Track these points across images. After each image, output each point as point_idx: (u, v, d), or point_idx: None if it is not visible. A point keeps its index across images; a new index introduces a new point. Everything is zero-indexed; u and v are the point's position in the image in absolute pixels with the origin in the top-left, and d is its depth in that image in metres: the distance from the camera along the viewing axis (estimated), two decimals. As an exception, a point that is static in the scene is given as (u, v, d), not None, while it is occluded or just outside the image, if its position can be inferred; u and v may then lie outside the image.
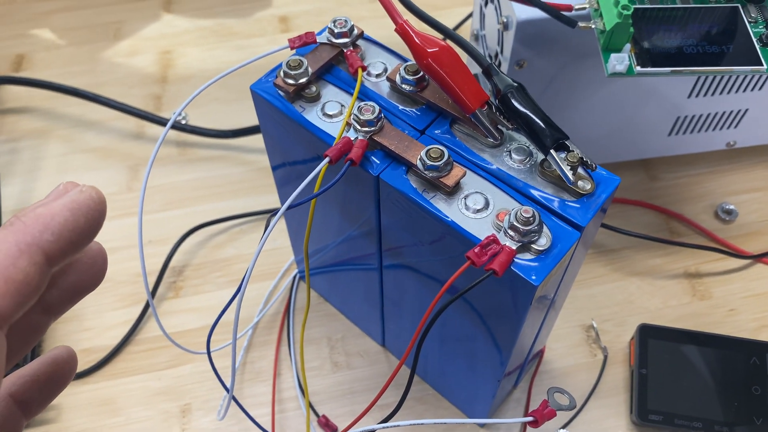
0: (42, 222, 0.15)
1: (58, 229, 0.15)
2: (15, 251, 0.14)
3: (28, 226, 0.15)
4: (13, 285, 0.14)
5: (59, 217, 0.15)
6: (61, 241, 0.15)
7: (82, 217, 0.16)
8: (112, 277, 0.42)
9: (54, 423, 0.37)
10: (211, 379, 0.38)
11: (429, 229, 0.24)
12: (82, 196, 0.16)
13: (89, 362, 0.39)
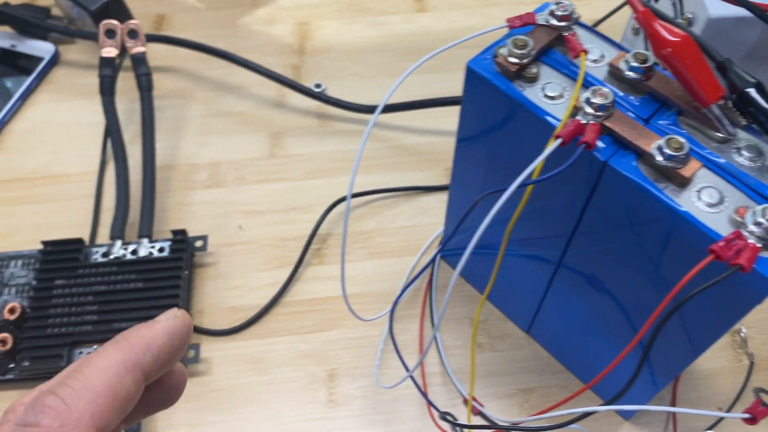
0: (145, 343, 0.18)
1: (157, 352, 0.18)
2: (122, 370, 0.17)
3: (133, 346, 0.17)
4: (118, 401, 0.16)
5: (159, 340, 0.18)
6: (158, 362, 0.18)
7: (176, 341, 0.19)
8: (257, 239, 0.43)
9: (205, 375, 0.38)
10: (357, 347, 0.39)
11: (653, 222, 0.24)
12: (178, 321, 0.19)
13: (237, 320, 0.40)
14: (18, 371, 0.37)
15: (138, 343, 0.18)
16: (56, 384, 0.17)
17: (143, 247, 0.41)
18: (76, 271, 0.40)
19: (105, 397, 0.16)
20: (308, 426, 0.37)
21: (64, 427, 0.16)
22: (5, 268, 0.41)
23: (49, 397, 0.16)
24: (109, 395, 0.16)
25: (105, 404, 0.16)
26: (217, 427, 0.37)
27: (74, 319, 0.38)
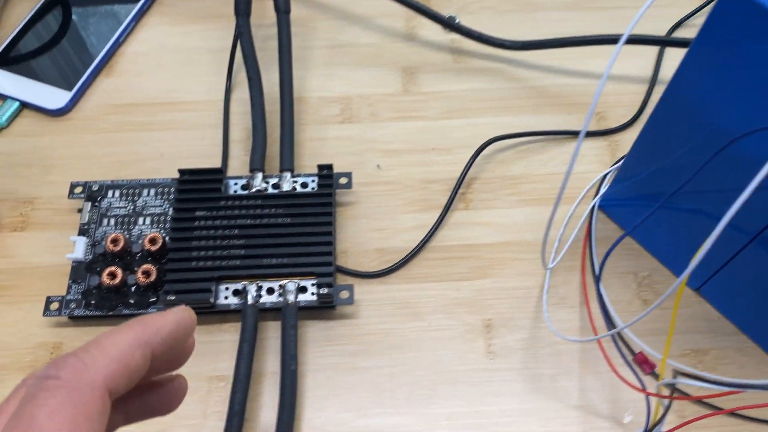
0: (156, 327, 0.21)
1: (165, 335, 0.21)
2: (134, 344, 0.20)
3: (145, 327, 0.20)
4: (128, 370, 0.19)
5: (169, 326, 0.21)
6: (165, 344, 0.21)
7: (182, 330, 0.22)
8: (399, 180, 0.41)
9: (355, 318, 0.36)
10: (512, 298, 0.37)
11: None
12: (186, 314, 0.22)
13: (384, 263, 0.38)
14: (161, 305, 0.35)
15: (151, 326, 0.21)
16: (77, 350, 0.19)
17: (286, 181, 0.38)
18: (217, 203, 0.37)
19: (117, 364, 0.19)
20: (469, 376, 0.35)
21: (80, 381, 0.18)
22: (137, 197, 0.38)
23: (70, 358, 0.18)
24: (121, 363, 0.19)
25: (117, 370, 0.19)
26: (370, 372, 0.35)
27: (219, 252, 0.36)
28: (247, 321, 0.34)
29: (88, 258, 0.36)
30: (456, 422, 0.33)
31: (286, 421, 0.32)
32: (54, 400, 0.17)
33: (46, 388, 0.18)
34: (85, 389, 0.18)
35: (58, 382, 0.18)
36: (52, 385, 0.18)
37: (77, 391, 0.18)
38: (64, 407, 0.17)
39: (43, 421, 0.17)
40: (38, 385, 0.18)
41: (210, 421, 0.33)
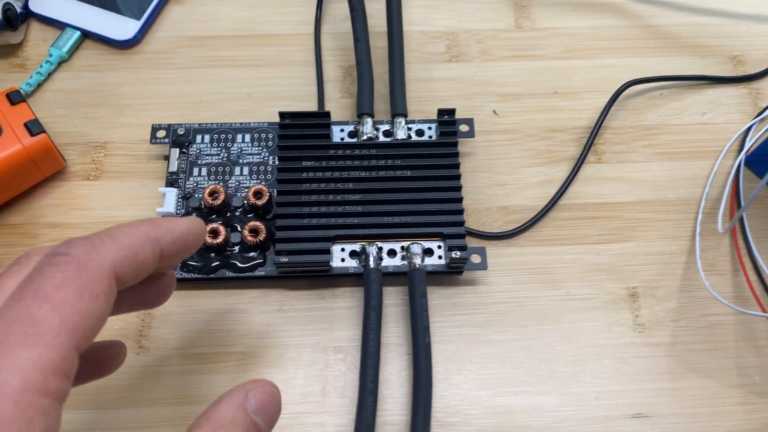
0: (168, 227, 0.20)
1: (176, 237, 0.20)
2: (145, 239, 0.19)
3: (158, 226, 0.20)
4: (136, 261, 0.19)
5: (180, 229, 0.21)
6: (174, 246, 0.20)
7: (192, 236, 0.21)
8: (518, 128, 0.36)
9: (482, 285, 0.32)
10: (658, 264, 0.33)
11: None
12: (197, 223, 0.22)
13: (510, 223, 0.34)
14: (270, 267, 0.31)
15: (163, 226, 0.20)
16: (90, 234, 0.19)
17: (400, 128, 0.33)
18: (327, 152, 0.32)
19: (127, 252, 0.19)
20: (617, 351, 0.31)
21: (89, 261, 0.18)
22: (231, 143, 0.34)
23: (80, 240, 0.18)
24: (130, 253, 0.19)
25: (126, 258, 0.18)
26: (505, 346, 0.31)
27: (334, 209, 0.31)
28: (372, 287, 0.30)
29: (180, 212, 0.32)
30: (605, 402, 0.30)
31: (424, 401, 0.28)
32: (61, 275, 0.17)
33: (55, 263, 0.17)
34: (93, 269, 0.18)
35: (68, 259, 0.18)
36: (62, 261, 0.17)
37: (85, 270, 0.18)
38: (72, 282, 0.17)
39: (49, 291, 0.17)
40: (47, 261, 0.18)
41: (330, 399, 0.30)
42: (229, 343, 0.31)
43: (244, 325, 0.31)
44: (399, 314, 0.32)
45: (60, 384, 0.16)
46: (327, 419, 0.29)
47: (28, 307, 0.16)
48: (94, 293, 0.17)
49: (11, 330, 0.16)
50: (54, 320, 0.16)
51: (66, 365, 0.16)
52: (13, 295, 0.17)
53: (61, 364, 0.16)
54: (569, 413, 0.30)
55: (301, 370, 0.30)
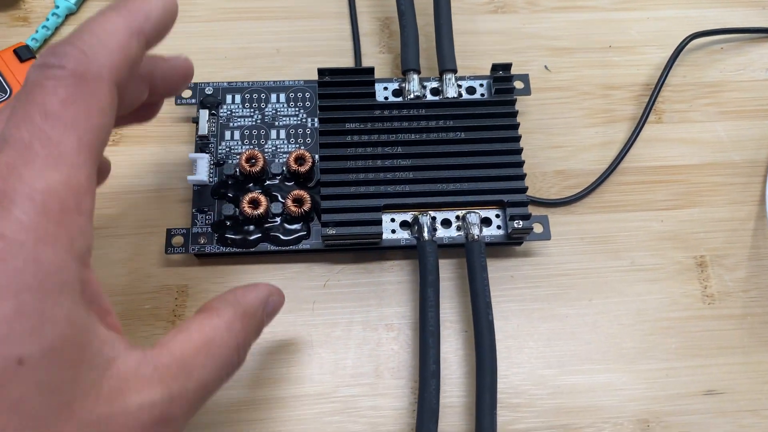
0: (144, 12, 0.18)
1: (155, 21, 0.19)
2: (128, 33, 0.18)
3: (133, 14, 0.18)
4: (128, 62, 0.18)
5: (156, 11, 0.19)
6: (156, 31, 0.19)
7: (170, 14, 0.19)
8: (572, 85, 0.34)
9: (542, 256, 0.30)
10: (725, 231, 0.31)
11: None
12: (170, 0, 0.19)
13: (568, 188, 0.31)
14: (315, 240, 0.28)
15: (138, 11, 0.18)
16: (71, 38, 0.17)
17: (450, 85, 0.31)
18: (372, 112, 0.30)
19: (119, 55, 0.17)
20: (686, 325, 0.29)
21: (86, 72, 0.16)
22: (264, 103, 0.31)
23: (67, 47, 0.17)
24: (121, 54, 0.17)
25: (120, 61, 0.17)
26: (569, 321, 0.29)
27: (382, 176, 0.29)
28: (428, 260, 0.27)
29: (213, 181, 0.29)
30: (675, 379, 0.28)
31: (489, 384, 0.26)
32: (64, 90, 0.16)
33: (52, 77, 0.16)
34: (93, 81, 0.17)
35: (66, 72, 0.16)
36: (60, 75, 0.16)
37: (86, 83, 0.16)
38: (77, 98, 0.16)
39: (56, 109, 0.16)
40: (43, 74, 0.16)
41: (384, 380, 0.28)
42: (272, 323, 0.28)
43: (287, 302, 0.28)
44: (453, 288, 0.29)
45: (90, 202, 0.17)
46: (382, 402, 0.27)
47: (41, 126, 0.16)
48: (100, 107, 0.17)
49: (33, 151, 0.16)
50: (72, 140, 0.16)
51: (91, 183, 0.17)
52: (18, 113, 0.16)
53: (87, 183, 0.16)
54: (638, 392, 0.28)
55: (352, 350, 0.28)
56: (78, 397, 0.15)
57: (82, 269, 0.16)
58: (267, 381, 0.27)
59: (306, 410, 0.27)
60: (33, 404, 0.15)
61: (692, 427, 0.27)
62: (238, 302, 0.21)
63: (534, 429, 0.27)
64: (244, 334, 0.20)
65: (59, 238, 0.15)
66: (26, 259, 0.15)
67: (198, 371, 0.18)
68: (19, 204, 0.15)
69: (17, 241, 0.15)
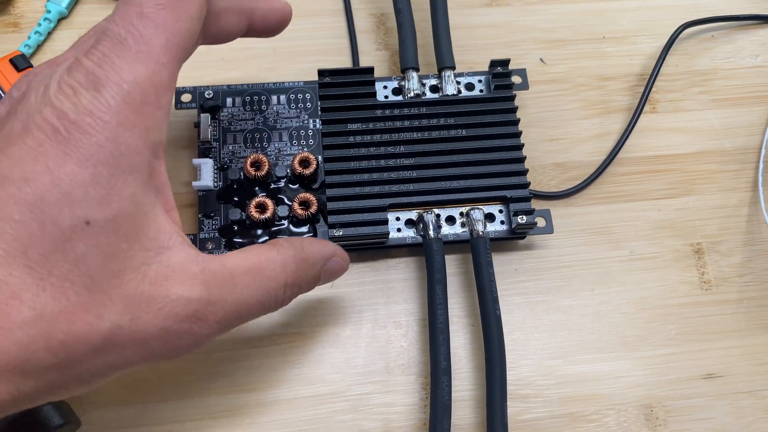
0: None
1: None
2: None
3: None
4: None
5: None
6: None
7: None
8: (568, 77, 0.34)
9: (544, 249, 0.31)
10: (720, 217, 0.32)
11: None
12: None
13: (567, 180, 0.32)
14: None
15: None
16: None
17: (449, 82, 0.31)
18: (373, 112, 0.30)
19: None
20: (685, 311, 0.30)
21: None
22: (265, 105, 0.31)
23: None
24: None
25: None
26: (573, 312, 0.30)
27: (386, 176, 0.29)
28: (435, 258, 0.28)
29: (217, 185, 0.29)
30: (676, 364, 0.29)
31: (499, 376, 0.26)
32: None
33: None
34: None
35: None
36: None
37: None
38: (170, 3, 0.18)
39: (150, 11, 0.18)
40: None
41: (395, 377, 0.28)
42: (283, 324, 0.29)
43: (296, 303, 0.29)
44: (459, 284, 0.30)
45: (169, 99, 0.19)
46: (394, 399, 0.28)
47: (136, 24, 0.18)
48: (190, 14, 0.19)
49: (126, 45, 0.17)
50: (161, 40, 0.18)
51: (172, 83, 0.19)
52: (117, 12, 0.18)
53: (169, 81, 0.18)
54: (640, 378, 0.29)
55: (362, 349, 0.29)
56: (128, 270, 0.17)
57: (153, 159, 0.18)
58: (280, 382, 0.28)
59: (320, 409, 0.27)
60: (91, 263, 0.17)
61: (693, 410, 0.28)
62: (302, 247, 0.22)
63: (542, 418, 0.28)
64: (296, 275, 0.22)
65: (137, 125, 0.17)
66: (107, 137, 0.17)
67: (241, 288, 0.20)
68: (108, 89, 0.17)
69: (102, 120, 0.17)
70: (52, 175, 0.16)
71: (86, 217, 0.17)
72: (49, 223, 0.16)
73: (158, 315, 0.18)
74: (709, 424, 0.28)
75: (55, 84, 0.17)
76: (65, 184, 0.16)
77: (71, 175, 0.17)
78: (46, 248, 0.16)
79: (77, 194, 0.17)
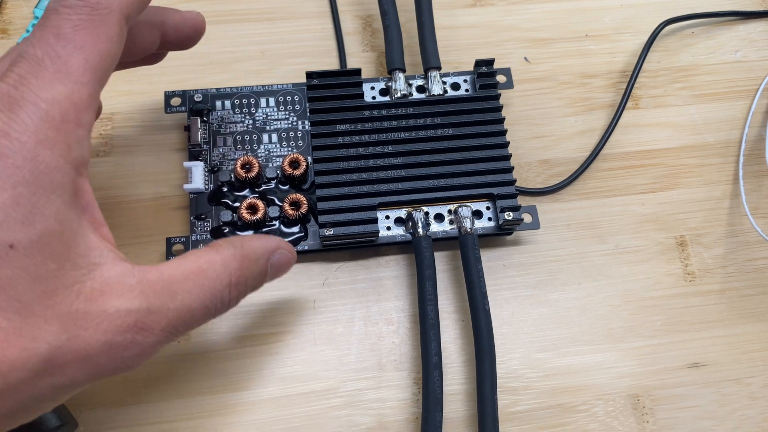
0: None
1: None
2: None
3: None
4: None
5: None
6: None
7: None
8: (552, 75, 0.35)
9: (531, 244, 0.31)
10: (703, 210, 0.32)
11: None
12: None
13: (552, 177, 0.32)
14: (314, 241, 0.29)
15: None
16: None
17: (435, 82, 0.31)
18: (361, 113, 0.30)
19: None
20: (669, 302, 0.31)
21: (99, 4, 0.18)
22: (254, 108, 0.31)
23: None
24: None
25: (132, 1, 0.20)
26: (560, 305, 0.30)
27: (375, 175, 0.29)
28: (425, 255, 0.28)
29: (209, 188, 0.30)
30: (662, 355, 0.30)
31: (489, 370, 0.27)
32: (77, 17, 0.18)
33: (68, 5, 0.18)
34: (104, 11, 0.19)
35: (79, 2, 0.18)
36: (74, 4, 0.18)
37: (98, 12, 0.18)
38: (88, 25, 0.18)
39: (68, 32, 0.18)
40: (60, 2, 0.18)
41: (388, 373, 0.29)
42: (276, 323, 0.29)
43: (288, 302, 0.29)
44: (448, 280, 0.30)
45: (90, 118, 0.18)
46: (387, 394, 0.28)
47: (53, 46, 0.18)
48: (108, 35, 0.19)
49: (43, 65, 0.17)
50: (79, 60, 0.18)
51: (93, 102, 0.18)
52: (35, 34, 0.18)
53: (89, 100, 0.18)
54: (627, 369, 0.29)
55: (354, 346, 0.29)
56: (59, 290, 0.17)
57: (77, 177, 0.18)
58: (274, 380, 0.28)
59: (314, 406, 0.28)
60: (19, 287, 0.16)
61: (679, 398, 0.29)
62: (242, 245, 0.22)
63: (532, 410, 0.28)
64: (239, 273, 0.21)
65: (57, 143, 0.17)
66: (25, 157, 0.17)
67: (183, 295, 0.19)
68: (24, 109, 0.17)
69: (19, 140, 0.17)
70: None
71: (9, 240, 0.16)
72: None
73: (97, 330, 0.17)
74: (695, 412, 0.29)
75: None
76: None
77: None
78: None
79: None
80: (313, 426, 0.27)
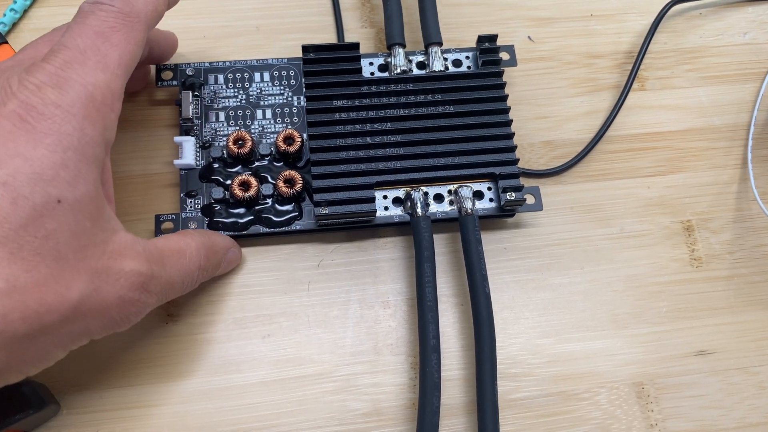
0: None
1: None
2: None
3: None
4: (157, 15, 0.23)
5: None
6: None
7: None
8: (556, 55, 0.34)
9: (533, 227, 0.30)
10: (709, 195, 0.31)
11: None
12: None
13: (556, 158, 0.31)
14: (309, 220, 0.28)
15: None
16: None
17: (436, 58, 0.30)
18: (359, 89, 0.29)
19: (152, 5, 0.22)
20: (675, 288, 0.30)
21: (131, 11, 0.21)
22: (248, 83, 0.30)
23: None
24: (153, 5, 0.22)
25: (152, 10, 0.22)
26: (563, 290, 0.29)
27: (373, 153, 0.28)
28: (423, 236, 0.27)
29: (200, 164, 0.28)
30: (667, 342, 0.29)
31: (489, 355, 0.26)
32: (113, 20, 0.21)
33: (105, 9, 0.21)
34: (134, 18, 0.21)
35: (114, 9, 0.21)
36: (110, 9, 0.21)
37: (129, 19, 0.21)
38: (122, 28, 0.21)
39: (106, 31, 0.21)
40: (97, 7, 0.21)
41: (384, 357, 0.28)
42: (268, 305, 0.28)
43: (282, 284, 0.28)
44: (447, 263, 0.29)
45: (120, 106, 0.21)
46: (383, 379, 0.27)
47: (94, 41, 0.20)
48: (136, 39, 0.21)
49: (86, 55, 0.20)
50: (115, 56, 0.21)
51: (122, 93, 0.21)
52: (74, 29, 0.20)
53: (120, 91, 0.21)
54: (632, 356, 0.28)
55: (350, 329, 0.28)
56: (90, 246, 0.19)
57: (105, 155, 0.21)
58: (267, 363, 0.27)
59: (308, 390, 0.27)
60: (61, 239, 0.18)
61: (685, 387, 0.28)
62: (209, 237, 0.25)
63: (533, 397, 0.27)
64: (206, 260, 0.24)
65: (98, 121, 0.20)
66: (75, 127, 0.19)
67: (169, 267, 0.22)
68: (74, 88, 0.19)
69: (70, 112, 0.19)
70: (23, 158, 0.18)
71: (58, 195, 0.18)
72: (20, 200, 0.18)
73: (116, 285, 0.20)
74: (702, 401, 0.28)
75: (16, 82, 0.19)
76: (37, 165, 0.18)
77: (42, 158, 0.18)
78: (17, 224, 0.17)
79: (48, 174, 0.18)
80: (305, 411, 0.26)
